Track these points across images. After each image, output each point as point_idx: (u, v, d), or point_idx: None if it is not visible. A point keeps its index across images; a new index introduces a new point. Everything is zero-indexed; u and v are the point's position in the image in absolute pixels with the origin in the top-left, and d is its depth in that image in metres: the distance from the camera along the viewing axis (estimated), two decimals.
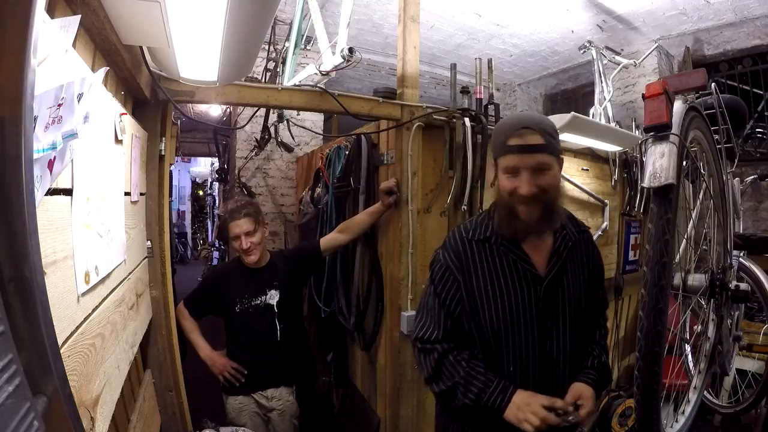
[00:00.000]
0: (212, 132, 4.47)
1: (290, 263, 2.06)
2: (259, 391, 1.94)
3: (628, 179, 2.92)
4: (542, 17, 3.67)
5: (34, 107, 0.54)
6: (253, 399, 1.94)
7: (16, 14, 0.48)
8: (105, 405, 0.95)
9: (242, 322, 1.93)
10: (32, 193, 0.53)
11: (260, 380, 1.94)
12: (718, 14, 3.55)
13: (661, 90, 1.24)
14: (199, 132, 6.31)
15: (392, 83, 2.30)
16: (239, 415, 1.91)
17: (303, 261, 2.10)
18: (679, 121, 1.33)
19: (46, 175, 0.66)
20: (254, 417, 1.93)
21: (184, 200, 12.01)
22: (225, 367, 1.91)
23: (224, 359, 1.94)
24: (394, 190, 1.89)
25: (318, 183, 2.72)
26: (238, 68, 1.29)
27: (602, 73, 2.98)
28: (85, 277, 0.86)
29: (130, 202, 1.31)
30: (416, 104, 1.93)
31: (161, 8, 0.89)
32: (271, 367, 1.94)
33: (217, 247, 6.29)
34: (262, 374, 1.93)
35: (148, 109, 1.57)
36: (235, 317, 1.93)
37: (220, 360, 1.93)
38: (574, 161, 2.65)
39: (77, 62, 0.79)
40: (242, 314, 1.93)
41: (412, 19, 1.95)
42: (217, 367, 1.92)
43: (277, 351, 1.95)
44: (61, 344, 0.68)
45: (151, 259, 1.62)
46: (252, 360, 1.93)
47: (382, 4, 3.46)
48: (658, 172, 1.21)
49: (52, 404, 0.56)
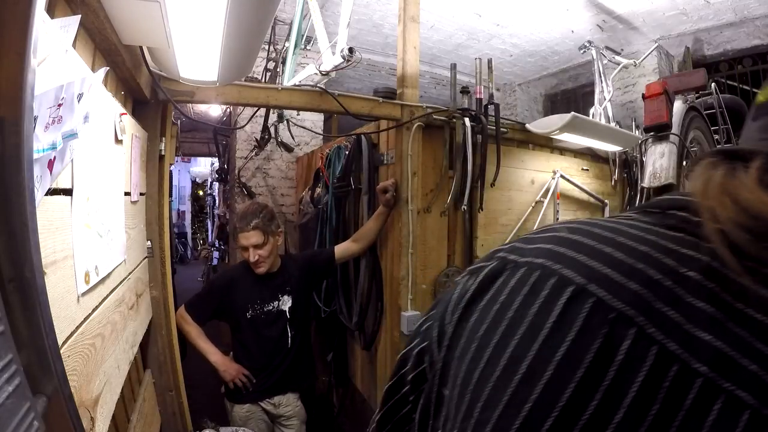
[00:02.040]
0: (212, 132, 4.46)
1: (303, 269, 2.01)
2: (267, 399, 1.89)
3: (628, 179, 2.92)
4: (542, 17, 3.67)
5: (34, 107, 0.54)
6: (260, 407, 1.89)
7: (16, 14, 0.48)
8: (105, 405, 0.95)
9: (253, 329, 1.87)
10: (32, 193, 0.53)
11: (269, 388, 1.88)
12: (718, 14, 3.55)
13: (661, 90, 1.25)
14: (199, 132, 6.30)
15: (392, 83, 2.30)
16: (246, 423, 1.87)
17: (316, 268, 2.06)
18: (679, 121, 1.33)
19: (46, 175, 0.66)
20: (261, 424, 1.89)
21: (184, 200, 12.00)
22: (239, 374, 1.83)
23: (237, 365, 1.86)
24: (389, 188, 1.88)
25: (318, 183, 2.72)
26: (238, 68, 1.29)
27: (602, 73, 2.98)
28: (85, 277, 0.86)
29: (130, 202, 1.31)
30: (416, 104, 1.93)
31: (161, 8, 0.89)
32: (281, 374, 1.89)
33: (217, 247, 6.28)
34: (272, 381, 1.88)
35: (148, 109, 1.57)
36: (245, 324, 1.87)
37: (233, 366, 1.85)
38: (574, 161, 2.66)
39: (77, 62, 0.79)
40: (253, 321, 1.86)
41: (412, 19, 1.96)
42: (231, 374, 1.83)
43: (287, 358, 1.90)
44: (61, 344, 0.68)
45: (151, 259, 1.62)
46: (261, 367, 1.87)
47: (382, 4, 3.46)
48: (658, 172, 1.22)
49: (52, 404, 0.56)
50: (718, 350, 0.22)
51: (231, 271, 2.20)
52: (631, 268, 0.24)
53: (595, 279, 0.25)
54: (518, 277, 0.27)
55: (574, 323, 0.24)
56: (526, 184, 2.38)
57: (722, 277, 0.23)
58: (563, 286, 0.25)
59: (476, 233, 2.11)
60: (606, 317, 0.23)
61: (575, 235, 0.28)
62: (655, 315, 0.23)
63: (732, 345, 0.22)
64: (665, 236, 0.26)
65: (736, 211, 0.24)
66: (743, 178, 0.26)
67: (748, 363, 0.21)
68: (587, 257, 0.26)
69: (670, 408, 0.21)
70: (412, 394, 0.34)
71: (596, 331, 0.23)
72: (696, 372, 0.21)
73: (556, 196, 2.47)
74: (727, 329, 0.22)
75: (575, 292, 0.25)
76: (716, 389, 0.21)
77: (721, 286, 0.23)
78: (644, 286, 0.24)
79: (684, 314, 0.23)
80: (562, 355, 0.23)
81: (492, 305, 0.28)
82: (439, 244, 2.04)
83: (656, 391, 0.22)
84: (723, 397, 0.21)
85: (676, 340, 0.22)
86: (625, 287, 0.24)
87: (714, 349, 0.22)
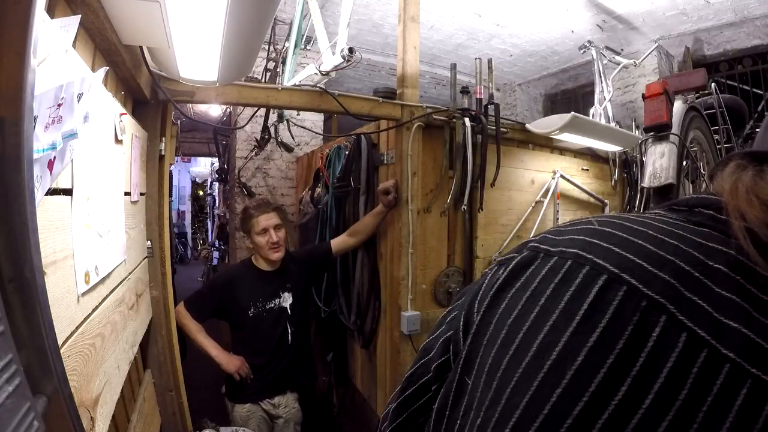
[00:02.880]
0: (212, 132, 4.47)
1: (302, 265, 2.03)
2: (267, 399, 1.90)
3: (628, 179, 2.92)
4: (542, 17, 3.67)
5: (34, 107, 0.54)
6: (260, 407, 1.90)
7: (16, 14, 0.48)
8: (105, 405, 0.95)
9: (255, 327, 1.88)
10: (32, 193, 0.53)
11: (269, 385, 1.90)
12: (718, 14, 3.55)
13: (661, 90, 1.25)
14: (199, 132, 6.31)
15: (392, 83, 2.30)
16: (247, 423, 1.88)
17: (315, 263, 2.08)
18: (679, 121, 1.33)
19: (46, 175, 0.66)
20: (261, 423, 1.90)
21: (184, 200, 12.00)
22: (242, 365, 1.83)
23: (238, 357, 1.86)
24: (390, 189, 1.89)
25: (318, 183, 2.73)
26: (238, 68, 1.29)
27: (602, 73, 2.98)
28: (85, 277, 0.86)
29: (130, 202, 1.31)
30: (416, 104, 1.93)
31: (161, 8, 0.89)
32: (280, 372, 1.90)
33: (217, 247, 6.28)
34: (271, 379, 1.89)
35: (148, 109, 1.57)
36: (247, 322, 1.87)
37: (234, 358, 1.85)
38: (574, 161, 2.66)
39: (77, 62, 0.79)
40: (256, 318, 1.87)
41: (412, 19, 1.96)
42: (234, 364, 1.82)
43: (287, 355, 1.92)
44: (61, 344, 0.68)
45: (151, 259, 1.62)
46: (262, 365, 1.88)
47: (382, 4, 3.46)
48: (658, 172, 1.22)
49: (52, 404, 0.56)
50: (746, 337, 0.22)
51: (232, 269, 2.20)
52: (661, 258, 0.25)
53: (628, 268, 0.25)
54: (550, 266, 0.28)
55: (606, 310, 0.24)
56: (526, 184, 2.38)
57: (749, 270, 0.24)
58: (596, 274, 0.26)
59: (476, 233, 2.11)
60: (638, 305, 0.24)
61: (606, 227, 0.29)
62: (686, 303, 0.23)
63: (759, 333, 0.22)
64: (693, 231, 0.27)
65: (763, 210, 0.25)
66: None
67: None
68: (619, 248, 0.26)
69: (698, 393, 0.22)
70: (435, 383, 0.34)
71: (628, 318, 0.23)
72: (725, 357, 0.22)
73: (556, 196, 2.47)
74: (753, 318, 0.23)
75: (608, 280, 0.25)
76: (744, 374, 0.22)
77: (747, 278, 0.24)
78: (674, 277, 0.24)
79: (712, 303, 0.23)
80: (594, 341, 0.24)
81: (522, 293, 0.28)
82: (439, 244, 2.04)
83: (686, 376, 0.22)
84: (749, 383, 0.21)
85: (705, 327, 0.23)
86: (657, 276, 0.24)
87: (742, 335, 0.22)
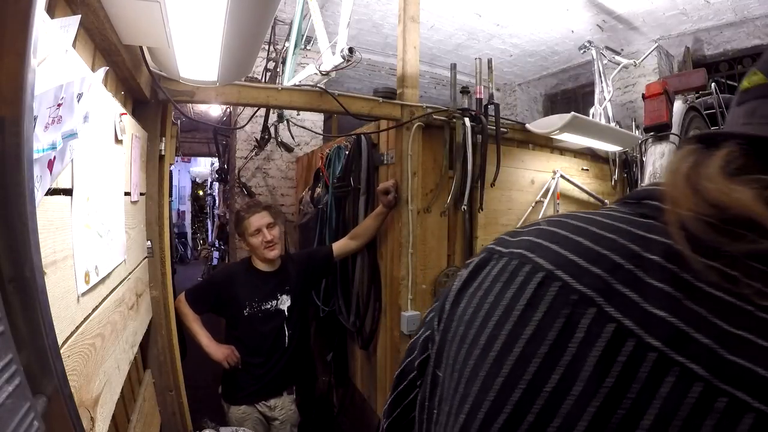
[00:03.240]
0: (212, 132, 4.47)
1: (302, 268, 2.02)
2: (263, 401, 1.89)
3: (628, 179, 2.92)
4: (542, 17, 3.66)
5: (34, 107, 0.54)
6: (256, 409, 1.89)
7: (16, 14, 0.48)
8: (105, 405, 0.95)
9: (249, 327, 1.87)
10: (32, 193, 0.53)
11: (264, 387, 1.89)
12: (718, 14, 3.55)
13: (661, 90, 1.25)
14: (199, 132, 6.31)
15: (392, 83, 2.30)
16: (242, 425, 1.87)
17: (315, 267, 2.06)
18: (679, 121, 1.33)
19: (46, 175, 0.66)
20: (257, 425, 1.89)
21: (184, 200, 11.99)
22: (230, 353, 1.82)
23: (226, 346, 1.85)
24: (390, 189, 1.89)
25: (318, 183, 2.72)
26: (238, 68, 1.29)
27: (602, 73, 2.98)
28: (85, 277, 0.86)
29: (130, 202, 1.31)
30: (416, 104, 1.93)
31: (161, 8, 0.89)
32: (276, 374, 1.89)
33: (217, 247, 6.28)
34: (267, 380, 1.88)
35: (148, 109, 1.57)
36: (242, 321, 1.87)
37: (221, 346, 1.84)
38: (574, 161, 2.66)
39: (77, 62, 0.79)
40: (250, 318, 1.87)
41: (412, 19, 1.96)
42: (223, 353, 1.82)
43: (283, 357, 1.91)
44: (61, 344, 0.68)
45: (151, 259, 1.62)
46: (257, 365, 1.87)
47: (382, 4, 3.46)
48: (658, 172, 1.22)
49: (52, 404, 0.56)
50: (672, 326, 0.23)
51: (231, 267, 2.20)
52: (596, 254, 0.26)
53: (562, 265, 0.27)
54: (500, 266, 0.30)
55: (540, 305, 0.26)
56: (526, 184, 2.38)
57: (683, 259, 0.24)
58: (535, 272, 0.28)
59: (476, 233, 2.11)
60: (569, 299, 0.25)
61: (552, 227, 0.31)
62: (614, 295, 0.24)
63: (687, 321, 0.23)
64: (637, 224, 0.28)
65: (695, 201, 0.26)
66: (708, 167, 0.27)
67: (701, 337, 0.22)
68: (559, 246, 0.28)
69: (626, 380, 0.22)
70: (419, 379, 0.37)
71: (559, 311, 0.25)
72: (649, 346, 0.23)
73: (556, 196, 2.47)
74: (683, 306, 0.23)
75: (544, 277, 0.27)
76: (669, 362, 0.22)
77: (682, 267, 0.24)
78: (606, 270, 0.25)
79: (642, 294, 0.24)
80: (529, 334, 0.25)
81: (477, 291, 0.30)
82: (439, 244, 2.04)
83: (611, 364, 0.23)
84: (677, 370, 0.22)
85: (632, 318, 0.23)
86: (589, 271, 0.26)
87: (668, 324, 0.23)
